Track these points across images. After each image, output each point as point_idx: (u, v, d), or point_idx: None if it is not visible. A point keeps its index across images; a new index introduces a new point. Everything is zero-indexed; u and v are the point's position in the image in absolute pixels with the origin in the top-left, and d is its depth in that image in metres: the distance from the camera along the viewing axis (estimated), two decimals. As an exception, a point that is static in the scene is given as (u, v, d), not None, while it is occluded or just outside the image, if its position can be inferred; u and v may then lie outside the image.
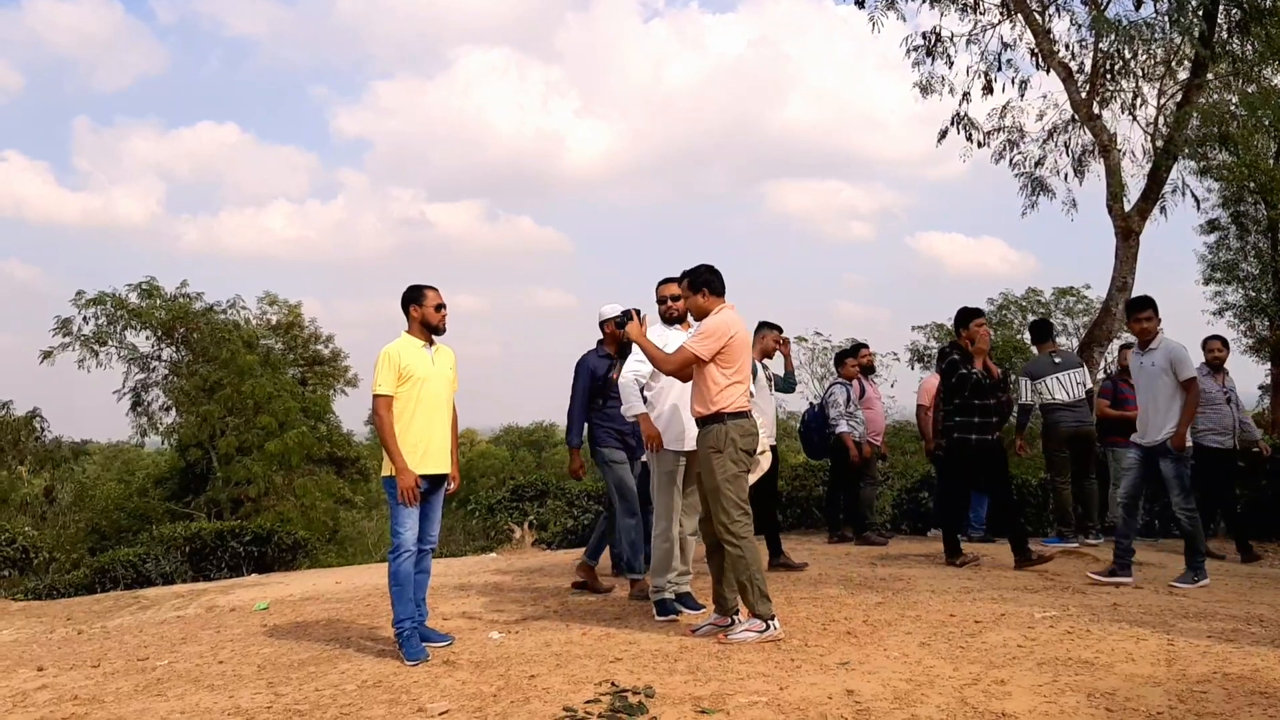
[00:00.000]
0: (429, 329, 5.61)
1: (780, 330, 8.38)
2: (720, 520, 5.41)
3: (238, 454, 24.47)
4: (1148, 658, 4.71)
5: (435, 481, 5.58)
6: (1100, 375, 12.42)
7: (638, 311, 5.87)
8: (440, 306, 5.61)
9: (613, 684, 4.46)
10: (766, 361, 8.10)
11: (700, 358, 5.45)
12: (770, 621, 5.30)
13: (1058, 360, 9.21)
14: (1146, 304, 7.37)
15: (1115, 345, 12.55)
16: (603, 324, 7.16)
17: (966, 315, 7.96)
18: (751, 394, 5.88)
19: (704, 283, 5.64)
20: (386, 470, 5.43)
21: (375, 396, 5.42)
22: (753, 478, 6.07)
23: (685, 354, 5.48)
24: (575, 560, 8.90)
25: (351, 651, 5.62)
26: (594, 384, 7.08)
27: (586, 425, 7.19)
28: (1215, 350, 9.05)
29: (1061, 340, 23.24)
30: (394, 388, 5.42)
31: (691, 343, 5.49)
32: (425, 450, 5.47)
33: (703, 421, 5.52)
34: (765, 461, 6.37)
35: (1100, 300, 14.26)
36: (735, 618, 5.48)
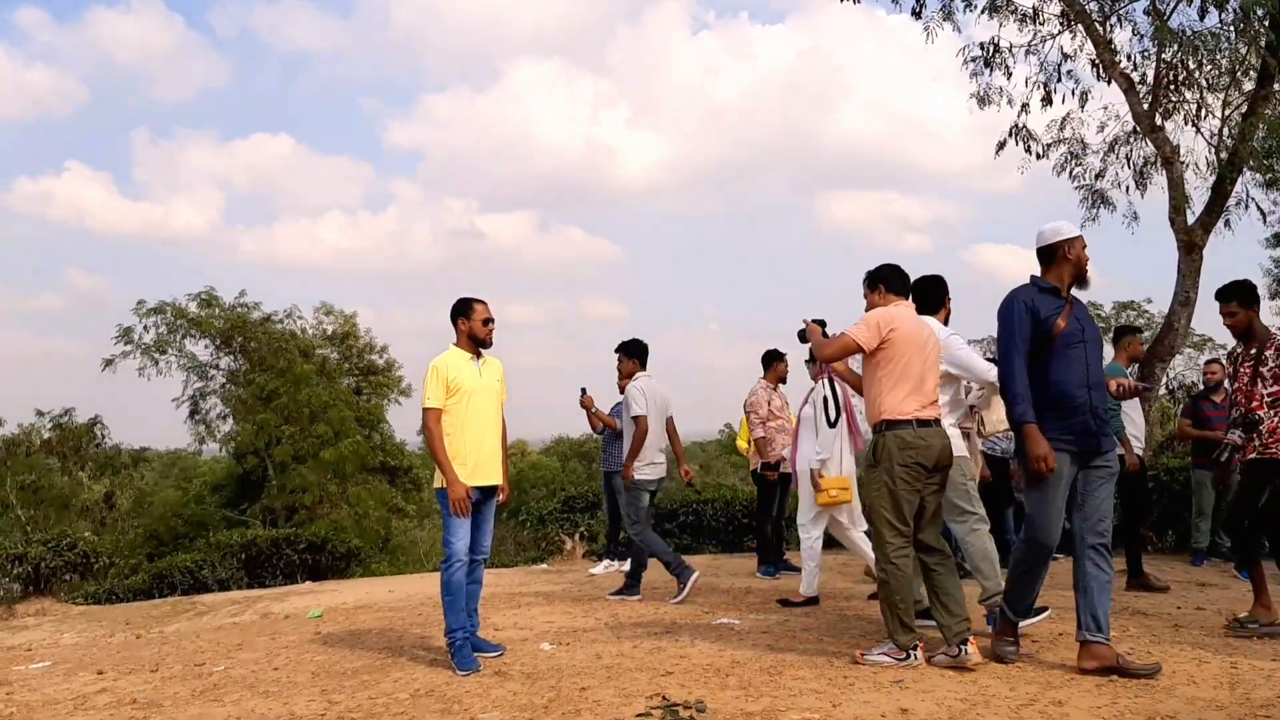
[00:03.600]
0: (476, 342, 5.63)
1: (1140, 333, 8.18)
2: (875, 541, 5.12)
3: (293, 462, 24.79)
4: (1210, 680, 4.60)
5: (487, 492, 5.60)
6: (1162, 391, 12.19)
7: (821, 322, 5.58)
8: (488, 321, 5.64)
9: (664, 698, 4.45)
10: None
11: (859, 344, 5.06)
12: (912, 651, 4.93)
13: None
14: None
15: (1176, 360, 12.31)
16: (1051, 248, 4.99)
17: None
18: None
19: (880, 279, 5.37)
20: (438, 482, 5.46)
21: (425, 410, 5.46)
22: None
23: (844, 339, 5.11)
24: (623, 568, 8.85)
25: (404, 660, 5.66)
26: (1037, 329, 4.83)
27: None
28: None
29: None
30: (443, 400, 5.45)
31: (852, 328, 5.14)
32: (476, 462, 5.49)
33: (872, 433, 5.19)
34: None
35: (1162, 315, 14.02)
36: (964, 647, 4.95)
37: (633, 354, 7.89)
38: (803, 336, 5.73)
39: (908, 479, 4.97)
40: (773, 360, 9.00)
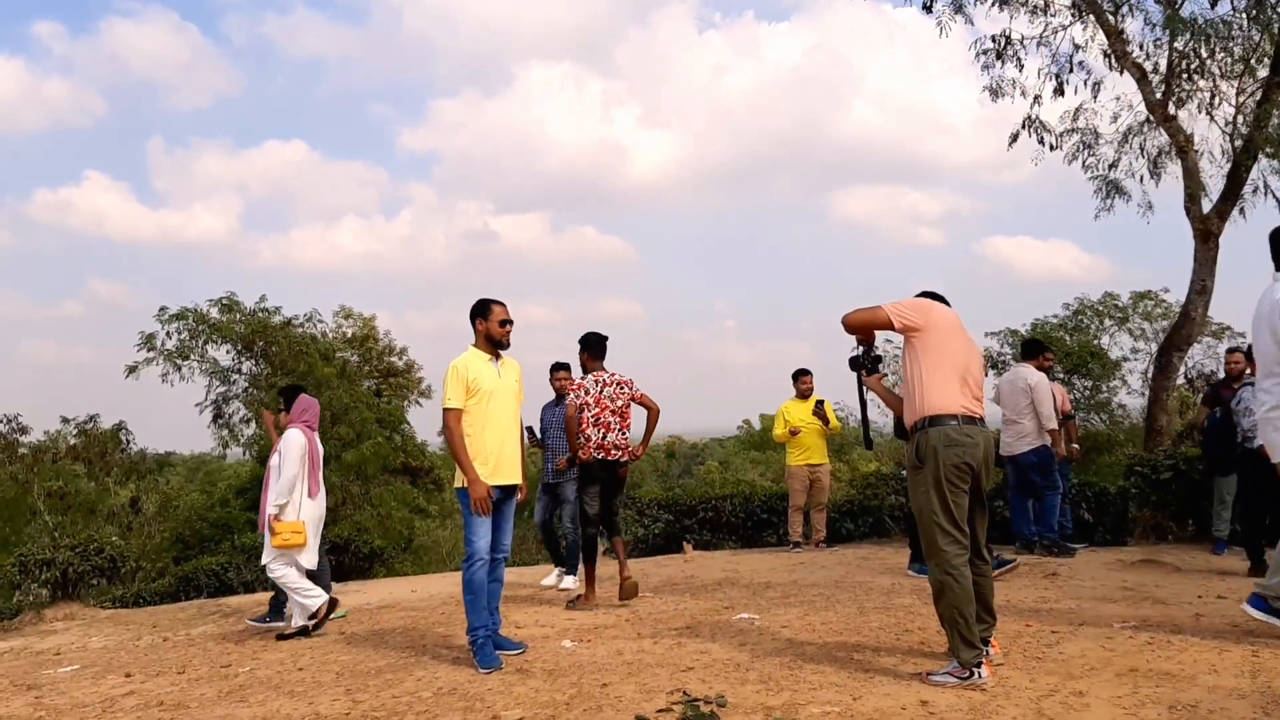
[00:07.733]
0: (493, 343, 5.69)
1: None
2: (928, 550, 4.68)
3: (316, 464, 24.88)
4: (1231, 669, 4.60)
5: (507, 491, 5.65)
6: (1181, 380, 12.11)
7: (875, 360, 5.26)
8: (505, 322, 5.69)
9: (685, 693, 4.48)
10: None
11: (887, 314, 4.73)
12: (976, 670, 4.47)
13: None
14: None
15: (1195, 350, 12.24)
16: None
17: None
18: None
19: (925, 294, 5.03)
20: (459, 482, 5.52)
21: (445, 410, 5.51)
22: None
23: (874, 310, 4.78)
24: (644, 568, 8.89)
25: (427, 659, 5.71)
26: None
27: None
28: (1236, 362, 9.30)
29: (1139, 345, 22.72)
30: (463, 401, 5.50)
31: (889, 304, 4.80)
32: (496, 462, 5.55)
33: (910, 431, 4.79)
34: None
35: (1179, 304, 13.95)
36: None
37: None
38: (853, 364, 5.36)
39: (955, 480, 4.58)
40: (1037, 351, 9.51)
